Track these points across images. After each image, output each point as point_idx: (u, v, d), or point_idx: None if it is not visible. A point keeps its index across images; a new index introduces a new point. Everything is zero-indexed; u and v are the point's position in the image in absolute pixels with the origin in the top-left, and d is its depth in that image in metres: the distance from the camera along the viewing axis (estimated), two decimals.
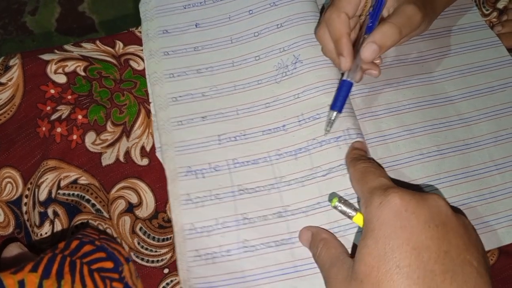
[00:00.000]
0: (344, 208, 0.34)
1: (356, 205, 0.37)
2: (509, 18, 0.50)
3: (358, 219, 0.34)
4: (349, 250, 0.36)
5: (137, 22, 0.50)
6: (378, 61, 0.43)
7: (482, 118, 0.44)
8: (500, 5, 0.52)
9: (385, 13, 0.41)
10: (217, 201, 0.39)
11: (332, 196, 0.38)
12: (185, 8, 0.48)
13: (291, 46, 0.44)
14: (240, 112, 0.43)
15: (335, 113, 0.40)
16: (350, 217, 0.34)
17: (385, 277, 0.28)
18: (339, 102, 0.40)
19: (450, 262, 0.28)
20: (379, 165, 0.37)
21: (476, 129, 0.43)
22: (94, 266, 0.27)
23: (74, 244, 0.28)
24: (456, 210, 0.31)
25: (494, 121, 0.44)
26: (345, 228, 0.37)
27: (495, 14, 0.51)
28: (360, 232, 0.36)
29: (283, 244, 0.38)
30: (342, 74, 0.42)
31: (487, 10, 0.51)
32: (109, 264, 0.28)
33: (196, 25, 0.47)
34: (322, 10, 0.49)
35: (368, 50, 0.38)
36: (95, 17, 1.27)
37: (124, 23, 1.23)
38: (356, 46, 0.41)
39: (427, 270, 0.28)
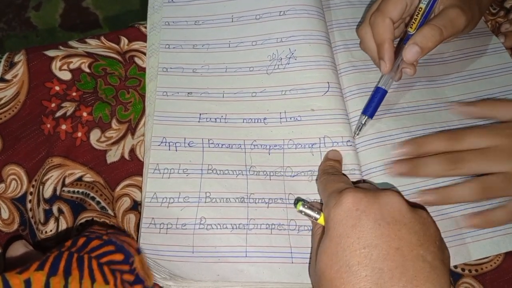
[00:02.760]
0: (308, 211, 0.35)
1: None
2: None
3: (322, 220, 0.34)
4: (301, 250, 0.38)
5: (142, 18, 0.50)
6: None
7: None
8: (508, 4, 0.51)
9: (431, 15, 0.42)
10: (183, 176, 0.40)
11: (297, 200, 0.39)
12: None
13: (288, 38, 0.44)
14: (226, 95, 0.43)
15: (366, 118, 0.41)
16: (316, 219, 0.35)
17: (336, 275, 0.30)
18: (372, 108, 0.41)
19: (400, 259, 0.29)
20: (344, 175, 0.39)
21: None
22: (103, 260, 0.27)
23: (81, 241, 0.28)
24: (414, 205, 0.32)
25: None
26: (301, 228, 0.38)
27: (502, 13, 0.51)
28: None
29: (239, 229, 0.38)
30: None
31: (494, 9, 0.51)
32: (118, 257, 0.28)
33: None
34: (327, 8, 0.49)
35: (410, 52, 0.40)
36: (99, 13, 1.26)
37: (128, 18, 1.23)
38: (397, 46, 0.43)
39: (375, 268, 0.29)
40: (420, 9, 0.41)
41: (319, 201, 0.39)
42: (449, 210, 0.40)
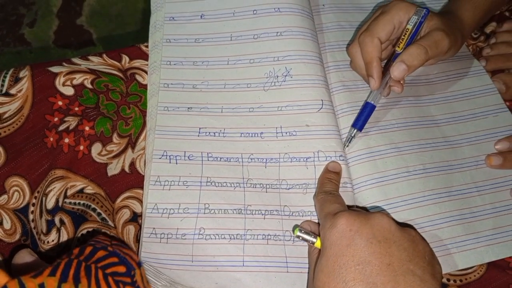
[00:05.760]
0: (305, 236, 0.37)
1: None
2: (497, 41, 0.53)
3: (318, 244, 0.37)
4: (296, 259, 0.39)
5: (136, 36, 0.52)
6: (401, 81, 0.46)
7: (465, 142, 0.46)
8: (488, 30, 0.54)
9: (417, 37, 0.45)
10: (183, 187, 0.42)
11: (294, 226, 0.40)
12: None
13: (285, 58, 0.47)
14: (225, 110, 0.46)
15: (355, 131, 0.44)
16: (313, 243, 0.37)
17: None
18: (361, 121, 0.44)
19: (391, 274, 0.32)
20: (339, 194, 0.40)
21: (460, 152, 0.45)
22: (108, 271, 0.29)
23: (88, 250, 0.30)
24: (403, 225, 0.35)
25: (476, 146, 0.46)
26: (295, 239, 0.40)
27: (482, 38, 0.54)
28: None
29: (236, 239, 0.40)
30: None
31: (475, 34, 0.54)
32: (121, 269, 0.29)
33: (201, 16, 0.50)
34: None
35: (397, 69, 0.42)
36: (93, 31, 1.28)
37: (122, 37, 1.25)
38: (386, 65, 0.46)
39: (369, 282, 0.31)
40: (407, 30, 0.44)
41: (313, 213, 0.41)
42: (454, 218, 0.42)
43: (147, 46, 0.50)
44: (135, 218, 0.42)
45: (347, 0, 0.54)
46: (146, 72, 0.49)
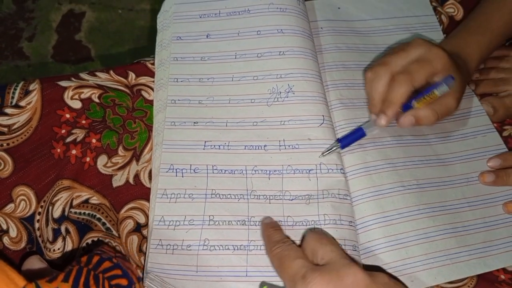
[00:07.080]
0: None
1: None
2: (486, 67, 0.56)
3: None
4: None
5: (133, 52, 0.54)
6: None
7: (456, 160, 0.48)
8: None
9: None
10: (189, 200, 0.43)
11: (261, 284, 0.39)
12: (200, 17, 0.53)
13: (287, 75, 0.49)
14: (229, 124, 0.47)
15: (338, 146, 0.45)
16: None
17: None
18: (346, 141, 0.46)
19: None
20: (293, 242, 0.39)
21: (451, 169, 0.48)
22: (113, 282, 0.30)
23: (95, 259, 0.31)
24: (374, 270, 0.35)
25: (466, 164, 0.48)
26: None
27: None
28: None
29: (240, 249, 0.41)
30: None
31: None
32: (124, 281, 0.31)
33: (207, 36, 0.52)
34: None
35: (408, 120, 0.45)
36: (91, 46, 1.30)
37: (120, 53, 1.27)
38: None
39: None
40: (434, 96, 0.45)
41: (316, 222, 0.42)
42: (448, 231, 0.43)
43: (152, 64, 0.52)
44: (139, 229, 0.43)
45: (344, 24, 0.57)
46: (151, 88, 0.50)
